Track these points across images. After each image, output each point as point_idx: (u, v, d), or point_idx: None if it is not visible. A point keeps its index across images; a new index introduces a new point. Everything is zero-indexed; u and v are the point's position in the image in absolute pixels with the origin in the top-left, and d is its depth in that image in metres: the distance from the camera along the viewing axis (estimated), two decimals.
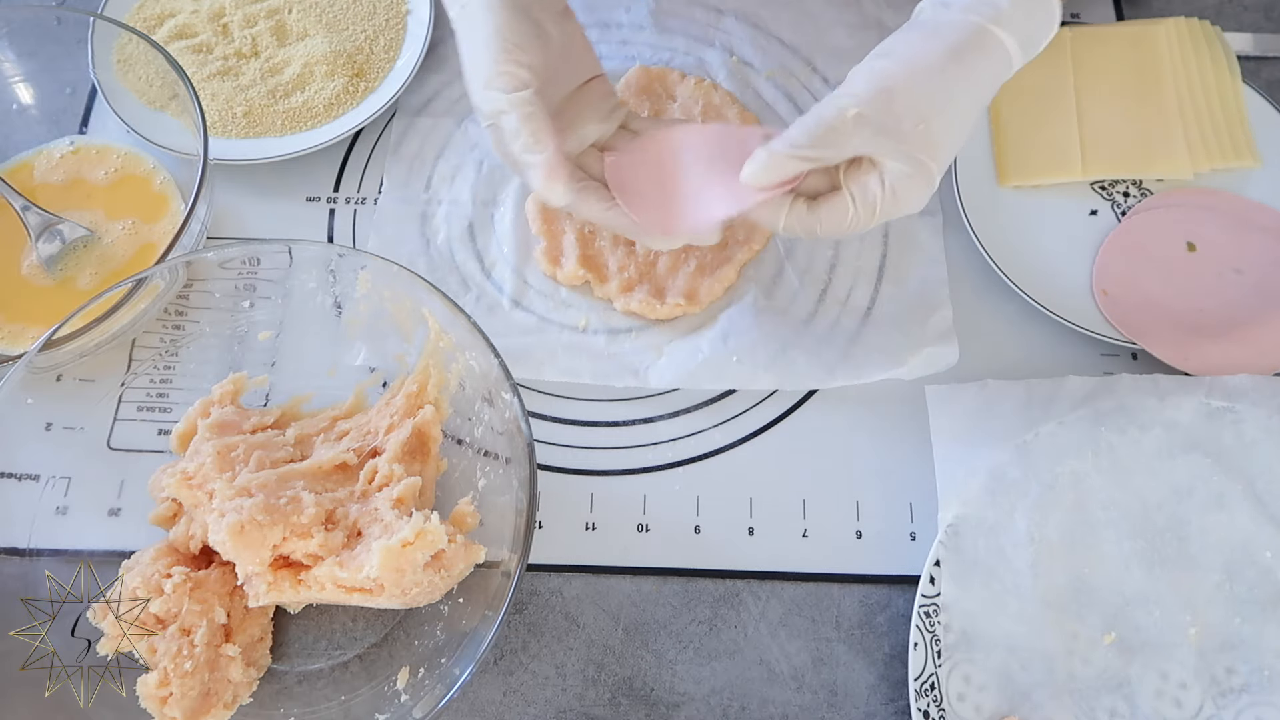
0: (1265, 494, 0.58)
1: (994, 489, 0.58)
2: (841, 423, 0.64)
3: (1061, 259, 0.68)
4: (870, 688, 0.58)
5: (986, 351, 0.66)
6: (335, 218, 0.72)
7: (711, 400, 0.65)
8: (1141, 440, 0.59)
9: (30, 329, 0.64)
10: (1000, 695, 0.55)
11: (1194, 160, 0.70)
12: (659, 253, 0.67)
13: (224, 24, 0.77)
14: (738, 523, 0.62)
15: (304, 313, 0.64)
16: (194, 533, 0.55)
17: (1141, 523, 0.58)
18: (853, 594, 0.60)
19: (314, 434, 0.60)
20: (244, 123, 0.73)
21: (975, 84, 0.54)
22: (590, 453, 0.64)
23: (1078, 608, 0.56)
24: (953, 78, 0.53)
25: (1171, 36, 0.73)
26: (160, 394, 0.64)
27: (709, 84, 0.74)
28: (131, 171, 0.70)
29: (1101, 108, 0.72)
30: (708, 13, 0.78)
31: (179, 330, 0.65)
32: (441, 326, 0.58)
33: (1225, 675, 0.55)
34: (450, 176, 0.72)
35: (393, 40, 0.76)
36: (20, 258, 0.67)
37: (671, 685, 0.58)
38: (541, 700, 0.57)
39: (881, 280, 0.68)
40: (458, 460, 0.61)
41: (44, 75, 0.73)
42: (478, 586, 0.55)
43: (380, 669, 0.56)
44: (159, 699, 0.51)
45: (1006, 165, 0.71)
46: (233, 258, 0.63)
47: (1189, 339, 0.64)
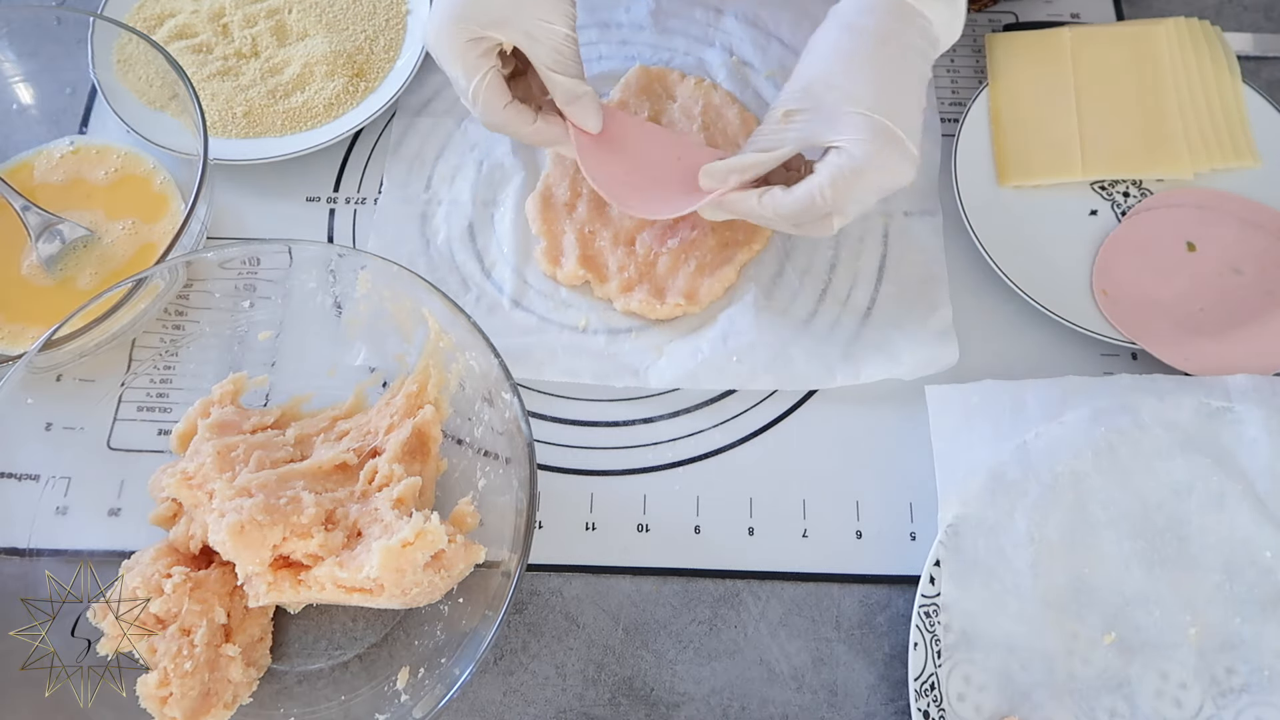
0: (1265, 494, 0.58)
1: (994, 489, 0.58)
2: (841, 423, 0.64)
3: (1061, 259, 0.68)
4: (870, 688, 0.58)
5: (986, 351, 0.66)
6: (335, 218, 0.72)
7: (711, 400, 0.65)
8: (1141, 440, 0.59)
9: (30, 329, 0.64)
10: (1000, 695, 0.55)
11: (1194, 160, 0.70)
12: (659, 253, 0.67)
13: (224, 24, 0.77)
14: (738, 523, 0.62)
15: (304, 313, 0.64)
16: (194, 533, 0.55)
17: (1141, 523, 0.58)
18: (853, 594, 0.60)
19: (314, 434, 0.60)
20: (244, 123, 0.73)
21: (885, 43, 0.57)
22: (590, 453, 0.64)
23: (1078, 608, 0.56)
24: (859, 44, 0.57)
25: (1171, 36, 0.73)
26: (160, 394, 0.64)
27: (709, 84, 0.74)
28: (131, 171, 0.70)
29: (1101, 108, 0.72)
30: (708, 13, 0.78)
31: (179, 330, 0.65)
32: (441, 326, 0.58)
33: (1225, 675, 0.55)
34: (450, 176, 0.72)
35: (393, 40, 0.76)
36: (20, 258, 0.67)
37: (671, 685, 0.58)
38: (541, 700, 0.57)
39: (881, 280, 0.68)
40: (458, 460, 0.61)
41: (44, 75, 0.73)
42: (478, 586, 0.55)
43: (380, 669, 0.56)
44: (159, 699, 0.51)
45: (1006, 165, 0.71)
46: (233, 258, 0.63)
47: (1189, 339, 0.64)
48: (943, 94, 0.76)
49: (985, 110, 0.72)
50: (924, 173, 0.71)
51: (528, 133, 0.62)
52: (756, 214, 0.59)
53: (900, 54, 0.57)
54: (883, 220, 0.70)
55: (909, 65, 0.58)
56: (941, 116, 0.74)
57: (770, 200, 0.58)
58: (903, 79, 0.57)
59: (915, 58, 0.58)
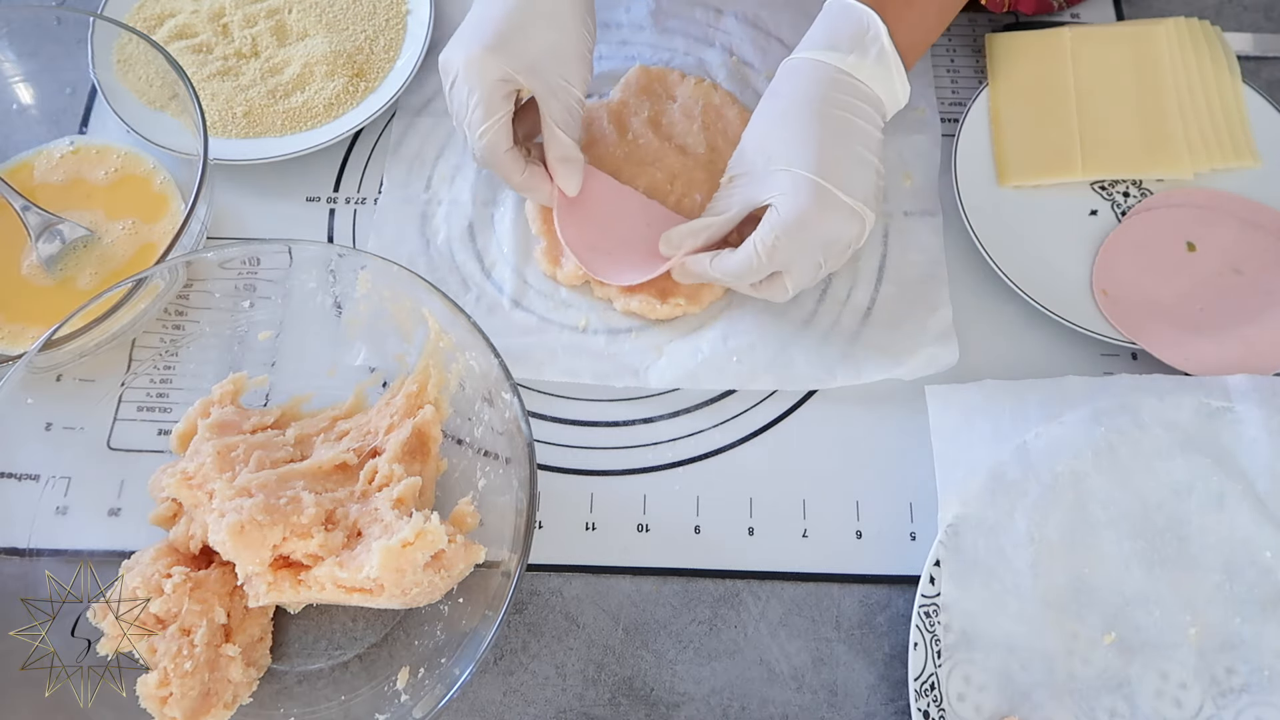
0: (1265, 494, 0.58)
1: (994, 489, 0.58)
2: (841, 423, 0.64)
3: (1061, 259, 0.68)
4: (870, 688, 0.58)
5: (986, 351, 0.66)
6: (335, 218, 0.72)
7: (711, 400, 0.65)
8: (1141, 440, 0.59)
9: (30, 329, 0.64)
10: (1000, 695, 0.55)
11: (1194, 160, 0.70)
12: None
13: (224, 24, 0.77)
14: (738, 523, 0.62)
15: (304, 313, 0.64)
16: (194, 533, 0.55)
17: (1141, 523, 0.58)
18: (853, 594, 0.60)
19: (314, 434, 0.60)
20: (244, 123, 0.73)
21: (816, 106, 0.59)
22: (590, 453, 0.64)
23: (1078, 608, 0.56)
24: (790, 109, 0.60)
25: (1171, 36, 0.73)
26: (160, 394, 0.64)
27: (709, 84, 0.74)
28: (131, 171, 0.70)
29: (1101, 108, 0.72)
30: (708, 13, 0.78)
31: (179, 330, 0.65)
32: (441, 326, 0.58)
33: (1225, 675, 0.55)
34: (450, 176, 0.72)
35: (393, 40, 0.76)
36: (20, 258, 0.67)
37: (671, 685, 0.58)
38: (541, 700, 0.57)
39: (881, 280, 0.68)
40: (458, 460, 0.61)
41: (44, 75, 0.73)
42: (478, 586, 0.55)
43: (380, 669, 0.56)
44: (159, 699, 0.51)
45: (1006, 165, 0.71)
46: (233, 258, 0.63)
47: (1189, 339, 0.64)
48: (943, 94, 0.76)
49: (985, 110, 0.72)
50: (924, 173, 0.71)
51: (516, 180, 0.65)
52: (710, 276, 0.62)
53: (833, 115, 0.59)
54: (883, 220, 0.70)
55: (844, 126, 0.59)
56: (941, 116, 0.74)
57: (719, 263, 0.61)
58: (837, 138, 0.59)
59: (854, 119, 0.59)
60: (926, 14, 0.63)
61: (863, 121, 0.60)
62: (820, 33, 0.62)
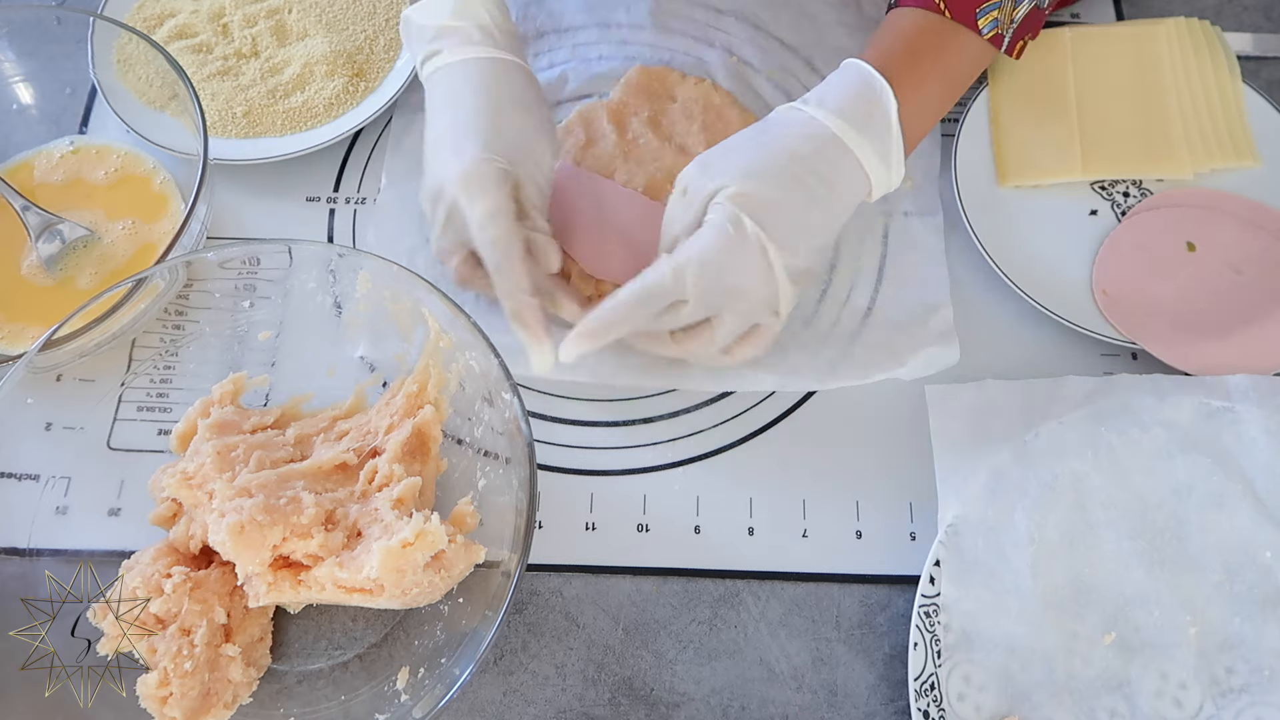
0: (1265, 494, 0.58)
1: (994, 489, 0.58)
2: (841, 423, 0.64)
3: (1061, 259, 0.68)
4: (870, 688, 0.58)
5: (986, 351, 0.66)
6: (335, 218, 0.72)
7: (711, 400, 0.65)
8: (1141, 440, 0.59)
9: (30, 329, 0.64)
10: (1000, 695, 0.55)
11: (1194, 160, 0.70)
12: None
13: (224, 24, 0.77)
14: (738, 523, 0.62)
15: (304, 313, 0.64)
16: (194, 533, 0.55)
17: (1141, 523, 0.58)
18: (853, 594, 0.60)
19: (314, 434, 0.60)
20: (244, 123, 0.73)
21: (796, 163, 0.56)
22: (590, 453, 0.64)
23: (1078, 608, 0.56)
24: (768, 156, 0.57)
25: (1171, 36, 0.73)
26: (160, 394, 0.64)
27: (709, 84, 0.74)
28: (131, 171, 0.70)
29: (1101, 108, 0.72)
30: (708, 13, 0.78)
31: (179, 330, 0.65)
32: (441, 326, 0.58)
33: (1225, 675, 0.55)
34: None
35: (393, 40, 0.76)
36: (20, 258, 0.67)
37: (671, 685, 0.58)
38: (541, 700, 0.57)
39: (881, 280, 0.68)
40: (458, 460, 0.61)
41: (44, 75, 0.73)
42: (478, 586, 0.55)
43: (380, 669, 0.56)
44: (159, 699, 0.51)
45: (1006, 165, 0.71)
46: (233, 258, 0.63)
47: (1189, 339, 0.64)
48: None
49: (985, 110, 0.72)
50: (924, 173, 0.71)
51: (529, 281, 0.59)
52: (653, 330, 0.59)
53: (807, 181, 0.56)
54: (883, 220, 0.70)
55: (815, 195, 0.56)
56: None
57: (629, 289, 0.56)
58: (804, 206, 0.56)
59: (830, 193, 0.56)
60: (930, 100, 0.60)
61: (838, 199, 0.57)
62: (832, 94, 0.58)
